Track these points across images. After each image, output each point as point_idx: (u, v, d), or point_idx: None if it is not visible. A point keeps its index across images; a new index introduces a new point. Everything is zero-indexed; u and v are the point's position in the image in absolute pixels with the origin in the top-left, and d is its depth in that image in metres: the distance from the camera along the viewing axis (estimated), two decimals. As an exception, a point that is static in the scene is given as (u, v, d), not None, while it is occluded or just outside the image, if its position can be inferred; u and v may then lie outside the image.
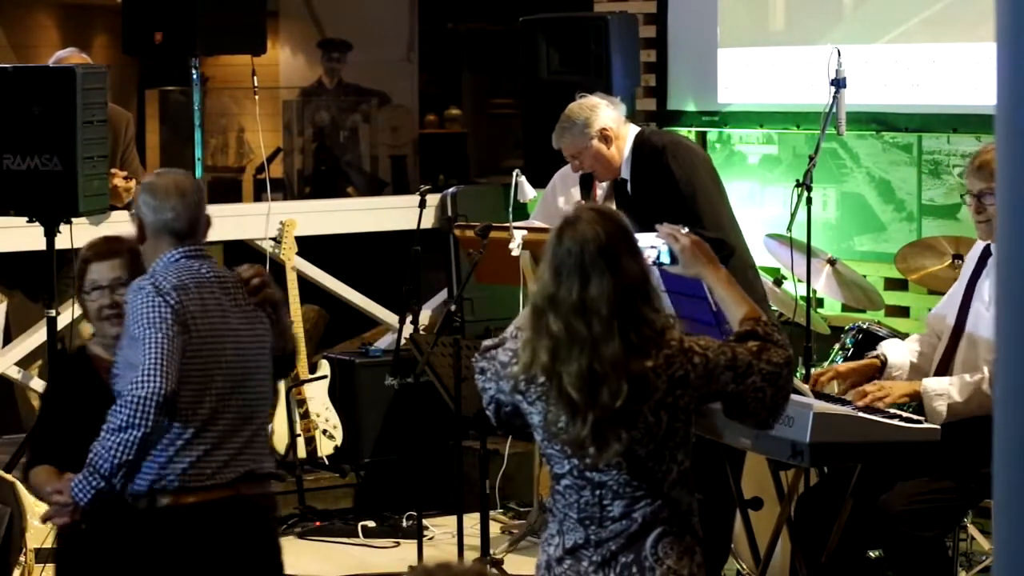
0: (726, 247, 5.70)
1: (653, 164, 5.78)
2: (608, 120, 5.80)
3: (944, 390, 4.89)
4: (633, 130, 5.89)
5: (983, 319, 4.96)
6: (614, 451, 3.57)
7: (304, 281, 7.70)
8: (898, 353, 5.20)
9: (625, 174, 5.84)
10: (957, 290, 5.19)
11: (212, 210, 7.66)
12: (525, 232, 6.36)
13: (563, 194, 6.94)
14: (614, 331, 3.54)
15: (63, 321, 6.48)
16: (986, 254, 5.06)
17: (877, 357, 5.20)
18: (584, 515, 3.63)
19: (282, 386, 7.55)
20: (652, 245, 4.07)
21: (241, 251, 7.80)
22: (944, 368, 5.04)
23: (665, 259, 4.08)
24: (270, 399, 4.56)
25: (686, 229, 4.08)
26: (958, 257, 6.14)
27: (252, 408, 4.40)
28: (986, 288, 5.02)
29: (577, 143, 5.78)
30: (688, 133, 7.90)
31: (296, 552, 7.02)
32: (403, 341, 6.85)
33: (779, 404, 3.72)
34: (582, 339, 3.55)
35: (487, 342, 3.85)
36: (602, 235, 3.58)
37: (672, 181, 5.74)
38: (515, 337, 3.70)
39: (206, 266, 4.48)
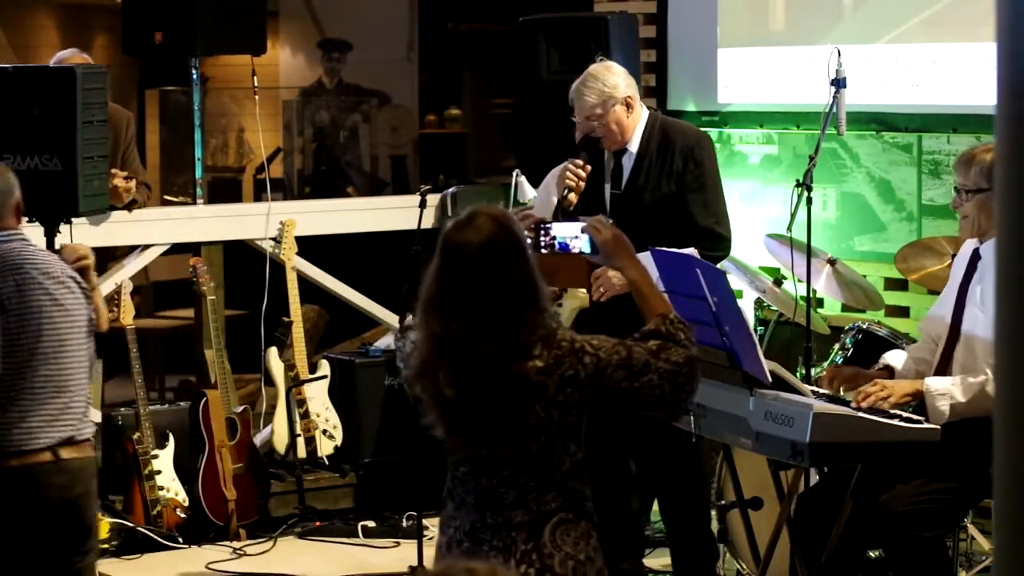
0: (727, 246, 5.83)
1: (680, 150, 5.81)
2: (633, 89, 5.86)
3: (947, 390, 4.89)
4: (644, 108, 5.92)
5: (979, 322, 4.97)
6: (496, 446, 3.72)
7: (304, 281, 7.70)
8: (901, 363, 5.22)
9: (632, 148, 5.85)
10: (948, 293, 5.19)
11: (212, 210, 7.75)
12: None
13: (557, 193, 6.93)
14: (489, 333, 3.66)
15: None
16: (975, 257, 5.07)
17: (884, 368, 5.22)
18: (481, 501, 3.77)
19: (282, 387, 7.55)
20: (575, 235, 4.14)
21: (241, 251, 7.79)
22: (942, 371, 5.04)
23: (587, 249, 4.13)
24: (86, 369, 4.90)
25: (610, 221, 4.14)
26: (958, 257, 6.15)
27: (67, 378, 4.78)
28: (978, 292, 5.02)
29: (604, 104, 5.78)
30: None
31: (296, 552, 7.02)
32: (403, 341, 6.85)
33: (680, 398, 3.79)
34: (457, 339, 3.68)
35: (408, 321, 4.01)
36: (487, 239, 3.69)
37: (701, 173, 5.81)
38: None
39: (18, 247, 4.83)
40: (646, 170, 5.81)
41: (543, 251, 4.19)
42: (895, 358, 5.27)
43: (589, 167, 5.78)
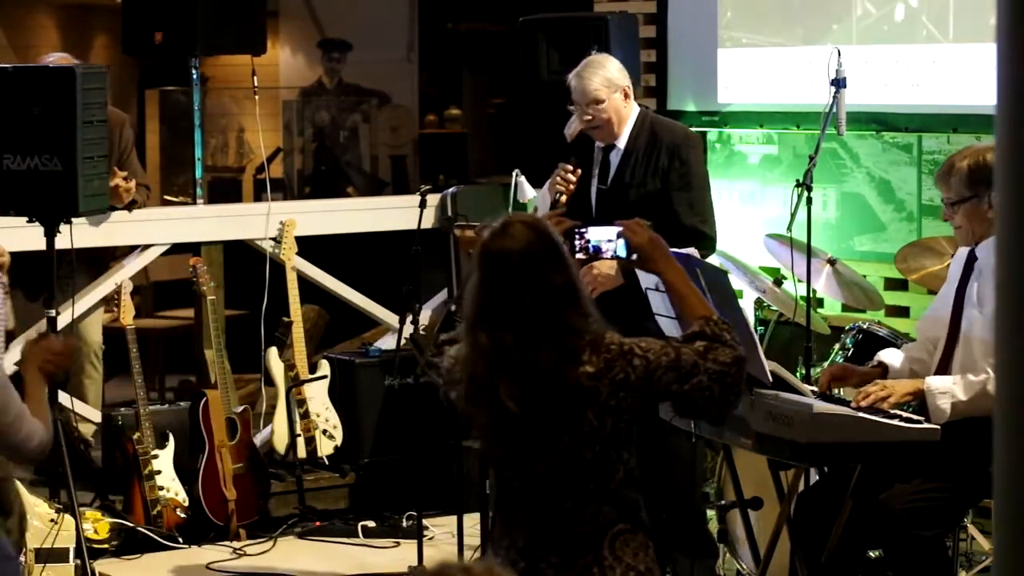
0: (712, 245, 5.92)
1: (667, 148, 5.89)
2: (628, 80, 5.96)
3: (948, 388, 4.89)
4: (635, 105, 5.97)
5: (976, 322, 4.98)
6: (550, 457, 3.65)
7: (304, 281, 7.70)
8: (897, 361, 5.23)
9: (621, 143, 5.90)
10: (945, 295, 5.21)
11: (212, 210, 7.75)
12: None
13: (550, 198, 6.96)
14: (542, 342, 3.61)
15: (63, 321, 6.48)
16: (971, 258, 5.08)
17: (878, 365, 5.23)
18: (534, 515, 3.69)
19: (282, 386, 7.55)
20: (609, 239, 4.08)
21: (241, 251, 7.79)
22: (942, 372, 5.05)
23: (622, 253, 4.08)
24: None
25: (648, 224, 4.10)
26: (958, 257, 6.15)
27: None
28: (975, 291, 5.03)
29: (608, 89, 5.86)
30: (688, 133, 7.90)
31: (296, 552, 7.02)
32: (403, 341, 6.85)
33: (729, 401, 3.73)
34: (511, 351, 3.62)
35: (444, 336, 3.94)
36: (526, 245, 3.64)
37: (687, 171, 5.87)
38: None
39: None
40: (632, 166, 5.88)
41: (579, 256, 4.12)
42: (890, 356, 5.28)
43: (579, 170, 5.84)
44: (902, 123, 7.05)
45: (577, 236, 4.15)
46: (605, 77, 5.85)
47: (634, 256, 4.05)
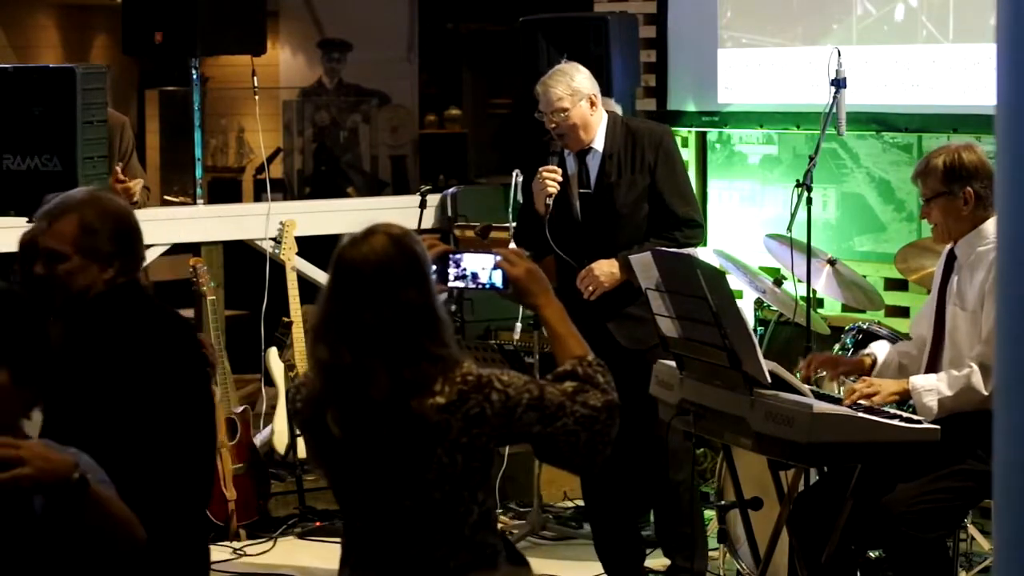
0: (705, 234, 6.18)
1: (649, 143, 5.98)
2: (596, 88, 6.00)
3: (933, 386, 4.91)
4: (604, 111, 6.05)
5: (960, 318, 5.01)
6: (394, 497, 3.38)
7: (304, 281, 7.70)
8: (887, 354, 5.25)
9: (598, 146, 5.97)
10: (933, 295, 5.25)
11: (212, 210, 7.75)
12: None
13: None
14: (386, 363, 3.30)
15: (63, 321, 6.48)
16: (951, 257, 5.13)
17: (868, 355, 5.26)
18: (383, 560, 3.41)
19: (282, 387, 7.55)
20: (485, 267, 3.75)
21: (241, 251, 7.80)
22: (931, 370, 5.07)
23: (499, 283, 3.71)
24: None
25: (527, 254, 3.80)
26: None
27: None
28: (955, 289, 5.06)
29: (573, 97, 5.91)
30: (688, 133, 7.91)
31: (296, 552, 7.02)
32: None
33: (596, 449, 3.38)
34: (349, 370, 3.32)
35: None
36: (386, 259, 3.37)
37: (672, 164, 6.00)
38: None
39: None
40: (617, 166, 5.94)
41: (456, 283, 3.75)
42: (882, 348, 5.32)
43: (560, 169, 5.92)
44: (902, 123, 7.05)
45: (452, 264, 3.76)
46: (569, 86, 5.90)
47: (510, 289, 3.66)
